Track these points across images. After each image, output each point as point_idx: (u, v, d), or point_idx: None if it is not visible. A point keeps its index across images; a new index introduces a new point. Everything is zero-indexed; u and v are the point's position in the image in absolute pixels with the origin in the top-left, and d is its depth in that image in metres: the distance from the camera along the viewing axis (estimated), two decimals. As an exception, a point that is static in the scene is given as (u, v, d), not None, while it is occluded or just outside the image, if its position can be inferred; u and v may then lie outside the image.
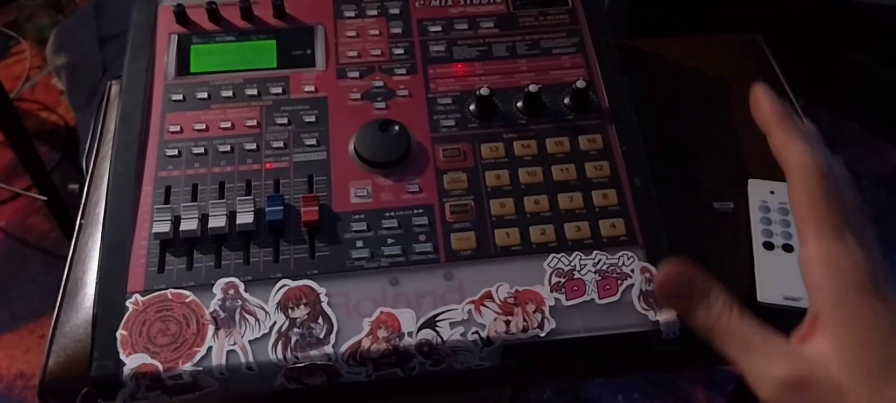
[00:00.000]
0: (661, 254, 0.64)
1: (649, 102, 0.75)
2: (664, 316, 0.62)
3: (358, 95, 0.73)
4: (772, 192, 0.73)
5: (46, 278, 1.67)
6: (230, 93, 0.72)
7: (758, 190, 0.74)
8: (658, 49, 0.89)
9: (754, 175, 0.76)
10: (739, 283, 0.68)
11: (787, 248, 0.69)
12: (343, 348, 0.60)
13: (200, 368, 0.59)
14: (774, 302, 0.66)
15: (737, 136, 0.80)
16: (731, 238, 0.72)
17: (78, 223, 0.76)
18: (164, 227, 0.64)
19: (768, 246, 0.70)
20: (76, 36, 1.81)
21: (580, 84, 0.71)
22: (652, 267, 0.64)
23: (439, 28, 0.77)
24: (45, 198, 1.61)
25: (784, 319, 0.67)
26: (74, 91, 1.83)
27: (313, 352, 0.60)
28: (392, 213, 0.66)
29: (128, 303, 0.61)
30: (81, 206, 0.77)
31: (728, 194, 0.75)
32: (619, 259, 0.64)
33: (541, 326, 0.61)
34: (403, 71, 0.75)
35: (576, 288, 0.63)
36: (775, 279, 0.67)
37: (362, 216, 0.66)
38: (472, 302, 0.62)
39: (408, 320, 0.61)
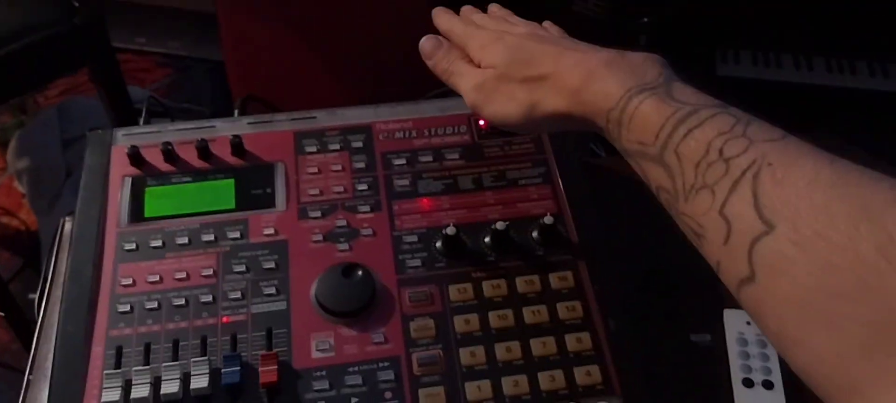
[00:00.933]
0: (639, 404, 0.62)
1: (624, 228, 0.74)
2: (645, 473, 0.59)
3: (320, 236, 0.70)
4: (748, 323, 0.71)
5: (8, 393, 1.60)
6: (185, 240, 0.69)
7: (734, 320, 0.72)
8: (625, 166, 0.88)
9: (731, 303, 0.74)
10: (721, 425, 0.66)
11: (768, 385, 0.67)
12: None
13: None
14: (758, 446, 0.63)
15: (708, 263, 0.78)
16: (710, 374, 0.69)
17: (26, 378, 0.71)
18: (114, 395, 0.60)
19: (748, 383, 0.67)
20: (39, 139, 1.78)
21: (548, 219, 0.69)
22: (630, 419, 0.61)
23: (404, 161, 0.76)
24: (2, 313, 1.55)
25: (769, 462, 0.65)
26: (37, 195, 1.79)
27: None
28: (356, 368, 0.63)
29: (73, 483, 0.57)
30: (30, 360, 0.72)
31: (705, 325, 0.73)
32: (595, 411, 0.61)
33: (516, 490, 0.58)
34: (367, 208, 0.72)
35: (552, 445, 0.59)
36: (758, 419, 0.65)
37: (324, 372, 0.63)
38: (443, 466, 0.58)
39: (374, 491, 0.57)
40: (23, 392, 0.70)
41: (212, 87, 2.18)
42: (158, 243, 0.69)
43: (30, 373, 0.72)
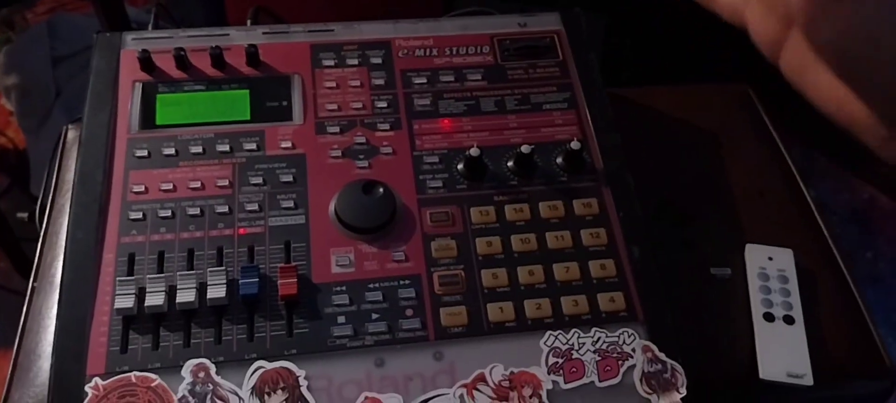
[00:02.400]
0: (663, 332, 0.61)
1: (640, 157, 0.72)
2: (668, 400, 0.58)
3: (338, 152, 0.68)
4: (770, 258, 0.71)
5: (-5, 310, 1.58)
6: (200, 149, 0.67)
7: (756, 256, 0.71)
8: (645, 98, 0.86)
9: (751, 238, 0.73)
10: (740, 357, 0.66)
11: (788, 320, 0.67)
12: (325, 437, 0.55)
13: (165, 462, 0.53)
14: (777, 380, 0.63)
15: (731, 195, 0.77)
16: (729, 307, 0.69)
17: (30, 285, 0.69)
18: (127, 302, 0.58)
19: (769, 317, 0.67)
20: (28, 56, 1.72)
21: (574, 145, 0.67)
22: (653, 347, 0.60)
23: (424, 80, 0.73)
24: (-9, 230, 1.52)
25: (787, 395, 0.65)
26: (25, 113, 1.74)
27: (292, 443, 0.55)
28: (376, 285, 0.62)
29: (87, 388, 0.55)
30: (34, 267, 0.70)
31: (725, 258, 0.72)
32: (619, 336, 0.60)
33: (538, 412, 0.57)
34: (386, 126, 0.70)
35: (574, 369, 0.59)
36: (777, 354, 0.65)
37: (344, 288, 0.61)
38: (464, 385, 0.58)
39: (395, 406, 0.56)
40: (27, 299, 0.68)
41: (205, 12, 2.12)
42: (171, 151, 0.67)
43: (34, 281, 0.70)
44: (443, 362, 0.59)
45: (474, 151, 0.66)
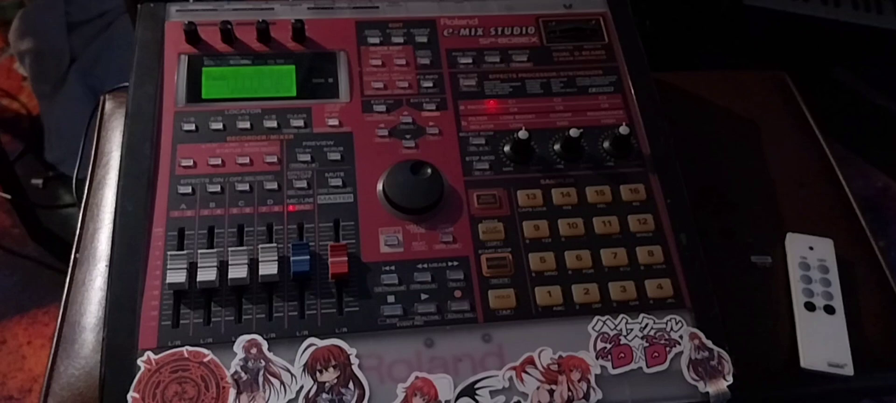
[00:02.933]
0: (710, 319, 0.61)
1: (679, 143, 0.72)
2: (714, 387, 0.59)
3: (385, 131, 0.68)
4: (811, 248, 0.71)
5: (9, 279, 1.58)
6: (247, 125, 0.67)
7: (797, 245, 0.71)
8: (682, 83, 0.86)
9: (791, 226, 0.73)
10: (781, 346, 0.66)
11: (829, 310, 0.67)
12: (377, 416, 0.55)
13: (221, 437, 0.54)
14: (818, 369, 0.64)
15: (771, 183, 0.77)
16: (770, 295, 0.69)
17: (72, 256, 0.69)
18: (179, 277, 0.58)
19: (810, 306, 0.67)
20: (43, 20, 1.71)
21: (623, 130, 0.67)
22: (701, 334, 0.61)
23: (469, 60, 0.73)
24: (8, 196, 1.51)
25: (827, 384, 0.65)
26: (39, 79, 1.73)
27: (343, 421, 0.55)
28: (425, 265, 0.62)
29: (139, 362, 0.56)
30: (76, 238, 0.70)
31: (765, 247, 0.72)
32: (666, 323, 0.61)
33: (587, 396, 0.57)
34: (433, 106, 0.70)
35: (622, 355, 0.59)
36: (818, 343, 0.65)
37: (393, 267, 0.61)
38: (513, 368, 0.58)
39: (445, 387, 0.57)
40: (70, 270, 0.68)
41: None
42: (219, 126, 0.67)
43: (76, 252, 0.70)
44: (491, 344, 0.59)
45: (523, 134, 0.66)
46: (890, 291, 0.72)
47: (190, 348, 0.57)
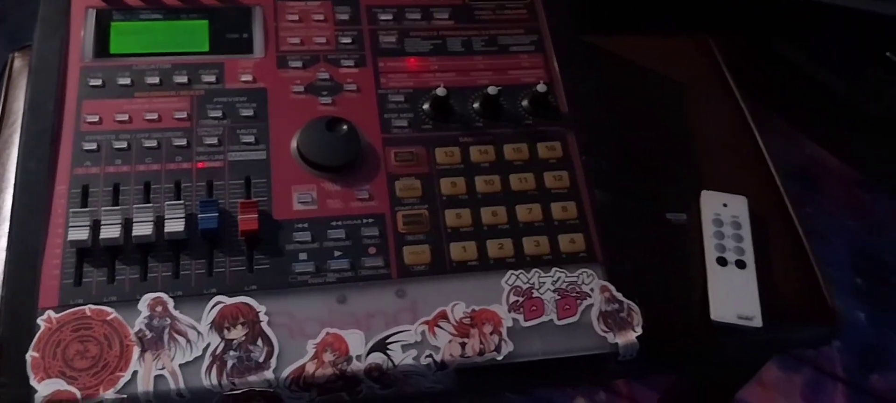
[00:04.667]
0: (620, 273, 0.62)
1: (603, 105, 0.73)
2: (623, 339, 0.59)
3: (301, 88, 0.67)
4: (725, 205, 0.72)
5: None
6: (156, 80, 0.65)
7: (711, 202, 0.72)
8: (610, 46, 0.86)
9: (708, 186, 0.74)
10: (693, 299, 0.67)
11: (740, 265, 0.68)
12: (285, 373, 0.55)
13: (124, 395, 0.53)
14: (728, 321, 0.65)
15: (690, 143, 0.78)
16: (684, 251, 0.70)
17: (-25, 217, 0.67)
18: (81, 234, 0.57)
19: (721, 261, 0.68)
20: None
21: (541, 87, 0.67)
22: (611, 287, 0.61)
23: (390, 17, 0.72)
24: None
25: (737, 336, 0.67)
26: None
27: (252, 378, 0.54)
28: (339, 223, 0.61)
29: (39, 321, 0.54)
30: (-20, 199, 0.68)
31: (682, 204, 0.73)
32: (578, 276, 0.61)
33: (498, 349, 0.58)
34: (351, 63, 0.69)
35: (534, 307, 0.60)
36: (728, 296, 0.66)
37: (306, 225, 0.60)
38: (426, 322, 0.58)
39: (356, 342, 0.56)
40: (-27, 231, 0.66)
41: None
42: (127, 81, 0.65)
43: (-20, 212, 0.67)
44: (405, 299, 0.59)
45: (441, 91, 0.66)
46: (802, 248, 0.73)
47: (93, 306, 0.55)
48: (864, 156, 1.73)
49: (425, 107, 0.67)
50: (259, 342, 0.56)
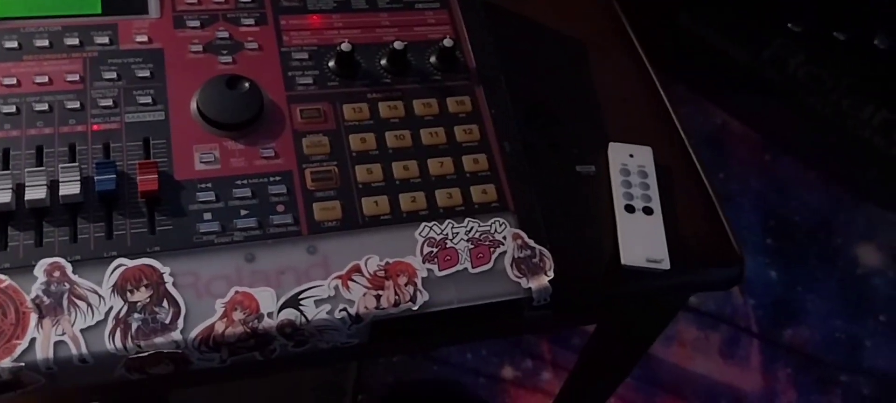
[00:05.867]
0: (532, 220, 0.63)
1: (510, 63, 0.73)
2: (536, 283, 0.60)
3: (199, 47, 0.65)
4: (631, 155, 0.74)
5: None
6: (46, 43, 0.62)
7: (618, 153, 0.74)
8: (513, 5, 0.87)
9: (614, 138, 0.76)
10: (604, 247, 0.69)
11: (648, 211, 0.70)
12: (193, 333, 0.53)
13: (22, 363, 0.50)
14: (637, 265, 0.67)
15: (596, 99, 0.80)
16: (594, 201, 0.71)
17: None
18: (-33, 201, 0.53)
19: (629, 209, 0.70)
20: None
21: (447, 42, 0.67)
22: (523, 234, 0.62)
23: (291, -25, 0.71)
24: None
25: (648, 281, 0.69)
26: None
27: (158, 340, 0.52)
28: (244, 181, 0.60)
29: (-78, 293, 0.51)
30: None
31: (590, 158, 0.74)
32: (491, 225, 0.62)
33: (413, 299, 0.57)
34: (251, 21, 0.67)
35: (448, 257, 0.60)
36: (637, 241, 0.68)
37: (210, 184, 0.59)
38: (339, 277, 0.57)
39: (267, 299, 0.55)
40: None
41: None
42: (14, 44, 0.62)
43: None
44: (317, 255, 0.58)
45: (346, 46, 0.65)
46: (706, 194, 0.76)
47: (-17, 275, 0.52)
48: (769, 122, 1.81)
49: (331, 64, 0.66)
50: (164, 303, 0.54)
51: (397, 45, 0.66)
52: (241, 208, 0.58)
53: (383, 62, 0.68)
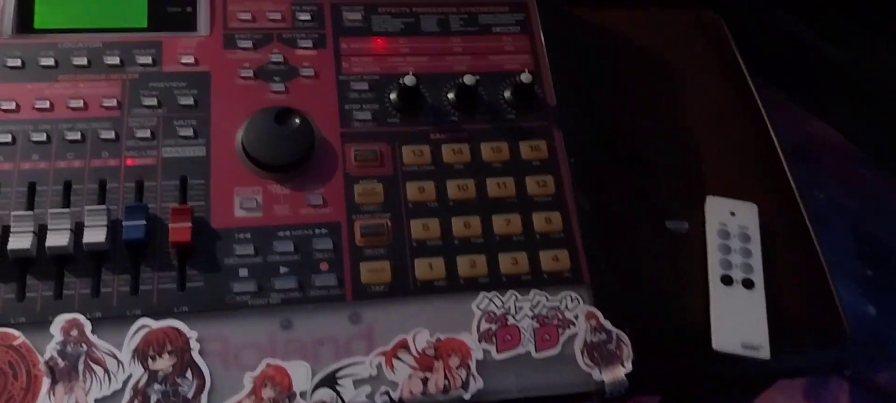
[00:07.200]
0: (610, 296, 0.54)
1: (592, 90, 0.64)
2: (610, 375, 0.52)
3: (250, 73, 0.59)
4: (732, 213, 0.64)
5: None
6: (84, 61, 0.57)
7: (717, 209, 0.64)
8: (604, 21, 0.77)
9: (712, 188, 0.66)
10: (693, 323, 0.59)
11: (748, 284, 0.61)
12: (217, 411, 0.48)
13: (29, 436, 0.46)
14: (731, 352, 0.58)
15: (694, 139, 0.70)
16: (685, 266, 0.62)
17: None
18: (-15, 244, 0.49)
19: (726, 280, 0.61)
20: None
21: (525, 77, 0.59)
22: (598, 313, 0.54)
23: (356, -10, 0.63)
24: None
25: (741, 367, 0.59)
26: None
27: (179, 416, 0.47)
28: (287, 232, 0.53)
29: (-68, 346, 0.47)
30: None
31: (683, 211, 0.65)
32: (561, 301, 0.54)
33: (465, 386, 0.50)
34: (309, 43, 0.61)
35: (509, 337, 0.52)
36: (733, 322, 0.59)
37: (249, 235, 0.53)
38: (383, 353, 0.51)
39: (301, 376, 0.49)
40: None
41: None
42: (50, 62, 0.57)
43: None
44: (360, 325, 0.51)
45: (410, 80, 0.58)
46: (817, 263, 0.65)
47: (-3, 329, 0.48)
48: (867, 132, 1.65)
49: (392, 97, 0.59)
50: (188, 374, 0.48)
51: (468, 79, 0.58)
52: (280, 264, 0.52)
53: (451, 96, 0.60)
